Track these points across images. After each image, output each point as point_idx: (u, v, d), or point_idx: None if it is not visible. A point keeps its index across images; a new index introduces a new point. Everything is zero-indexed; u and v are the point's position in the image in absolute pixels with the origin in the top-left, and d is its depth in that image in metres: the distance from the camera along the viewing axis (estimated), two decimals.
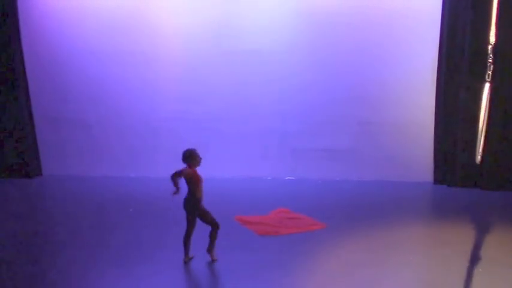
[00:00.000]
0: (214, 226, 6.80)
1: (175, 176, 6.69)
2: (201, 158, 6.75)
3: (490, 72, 6.73)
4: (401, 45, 9.86)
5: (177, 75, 10.36)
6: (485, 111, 6.55)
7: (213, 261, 6.88)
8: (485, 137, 7.38)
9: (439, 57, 9.75)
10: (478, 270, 6.74)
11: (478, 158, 7.00)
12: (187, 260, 6.91)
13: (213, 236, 6.85)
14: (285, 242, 7.68)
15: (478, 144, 6.77)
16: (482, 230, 8.06)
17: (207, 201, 9.13)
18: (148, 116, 10.52)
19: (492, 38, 6.68)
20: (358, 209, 8.93)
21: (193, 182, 6.69)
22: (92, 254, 7.27)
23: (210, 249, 6.91)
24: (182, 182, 6.74)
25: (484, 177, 9.72)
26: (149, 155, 10.62)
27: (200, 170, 10.12)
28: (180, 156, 6.67)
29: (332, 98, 10.11)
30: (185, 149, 6.76)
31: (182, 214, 7.36)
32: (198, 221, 6.86)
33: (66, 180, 10.53)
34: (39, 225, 8.44)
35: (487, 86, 6.67)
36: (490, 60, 6.73)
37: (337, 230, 8.05)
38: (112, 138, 10.62)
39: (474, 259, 7.05)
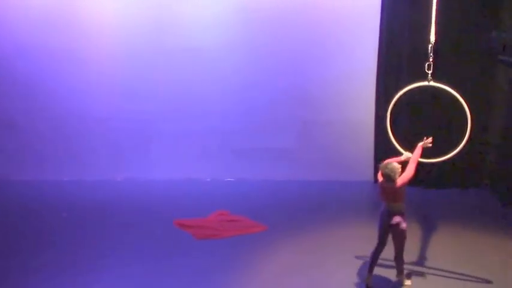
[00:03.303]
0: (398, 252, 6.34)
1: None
2: (386, 163, 6.32)
3: (429, 72, 6.72)
4: (341, 45, 9.81)
5: (114, 73, 9.95)
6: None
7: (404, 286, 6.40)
8: None
9: (378, 56, 9.78)
10: (419, 268, 6.84)
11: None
12: (368, 282, 6.40)
13: (398, 262, 6.39)
14: (224, 245, 7.59)
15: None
16: (423, 228, 8.15)
17: (143, 205, 9.05)
18: (84, 116, 10.03)
19: (432, 37, 6.68)
20: (300, 210, 8.87)
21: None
22: (25, 263, 7.01)
23: (398, 274, 6.44)
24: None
25: (425, 175, 9.68)
26: (85, 156, 10.15)
27: (139, 172, 10.09)
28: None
29: (273, 97, 9.98)
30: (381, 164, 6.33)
31: (120, 218, 7.04)
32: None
33: None
34: None
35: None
36: (431, 60, 6.71)
37: (278, 232, 8.00)
38: (44, 140, 10.08)
39: (415, 257, 7.11)
